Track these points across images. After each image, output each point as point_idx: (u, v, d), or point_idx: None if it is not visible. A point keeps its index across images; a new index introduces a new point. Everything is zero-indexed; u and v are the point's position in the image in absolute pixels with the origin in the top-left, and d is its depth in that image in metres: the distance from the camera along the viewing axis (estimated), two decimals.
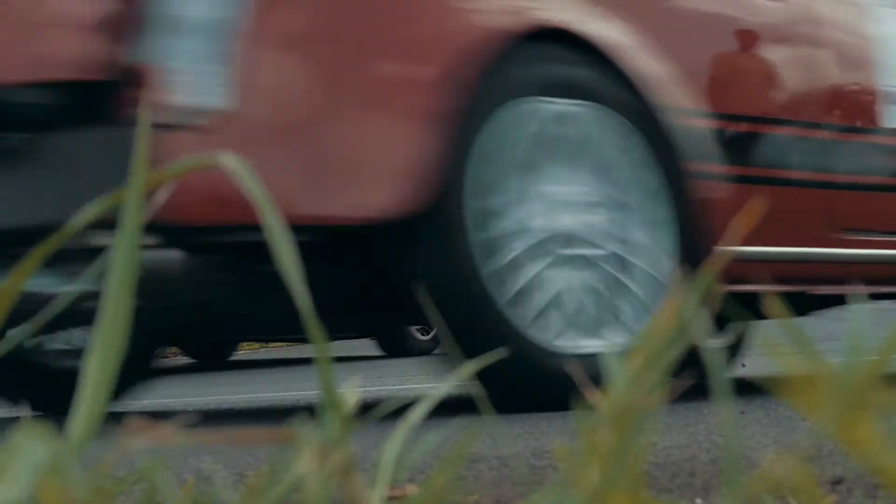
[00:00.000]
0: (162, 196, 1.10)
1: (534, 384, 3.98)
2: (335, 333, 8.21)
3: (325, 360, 0.86)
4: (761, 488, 0.83)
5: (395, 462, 1.10)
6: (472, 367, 1.10)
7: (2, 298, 0.83)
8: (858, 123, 5.29)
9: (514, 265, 4.04)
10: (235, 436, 0.79)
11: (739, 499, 0.87)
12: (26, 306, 1.26)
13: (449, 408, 4.10)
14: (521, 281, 4.03)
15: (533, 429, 3.25)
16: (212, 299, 4.03)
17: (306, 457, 0.83)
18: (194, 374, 8.74)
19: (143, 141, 0.82)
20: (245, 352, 11.78)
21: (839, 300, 5.53)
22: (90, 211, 0.85)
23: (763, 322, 4.80)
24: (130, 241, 0.88)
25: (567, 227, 4.17)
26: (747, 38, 4.93)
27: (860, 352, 0.75)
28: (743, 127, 4.83)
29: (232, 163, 0.75)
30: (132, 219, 0.87)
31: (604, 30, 4.31)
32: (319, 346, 0.88)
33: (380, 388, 5.84)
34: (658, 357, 0.79)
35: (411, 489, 1.42)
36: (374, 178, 3.84)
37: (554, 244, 4.13)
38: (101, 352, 0.86)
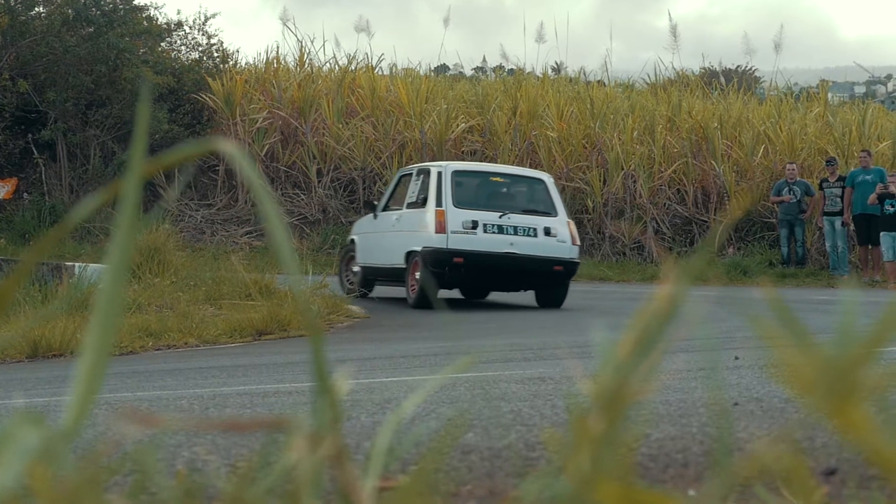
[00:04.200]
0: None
1: None
2: None
3: (319, 350, 0.86)
4: (752, 478, 0.83)
5: (388, 452, 1.10)
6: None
7: (7, 290, 0.83)
8: None
9: None
10: (228, 423, 0.79)
11: (730, 488, 0.87)
12: None
13: (441, 399, 4.11)
14: None
15: (525, 420, 3.26)
16: None
17: (298, 445, 0.83)
18: (189, 368, 8.75)
19: (142, 127, 0.82)
20: (239, 344, 11.79)
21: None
22: (90, 203, 0.85)
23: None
24: (128, 233, 0.88)
25: None
26: None
27: (851, 339, 0.75)
28: None
29: (228, 147, 0.75)
30: (129, 208, 0.87)
31: None
32: (313, 337, 0.88)
33: (372, 380, 5.84)
34: (649, 345, 0.79)
35: (404, 480, 1.42)
36: None
37: None
38: (94, 341, 0.86)
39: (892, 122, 30.11)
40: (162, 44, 30.67)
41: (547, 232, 15.91)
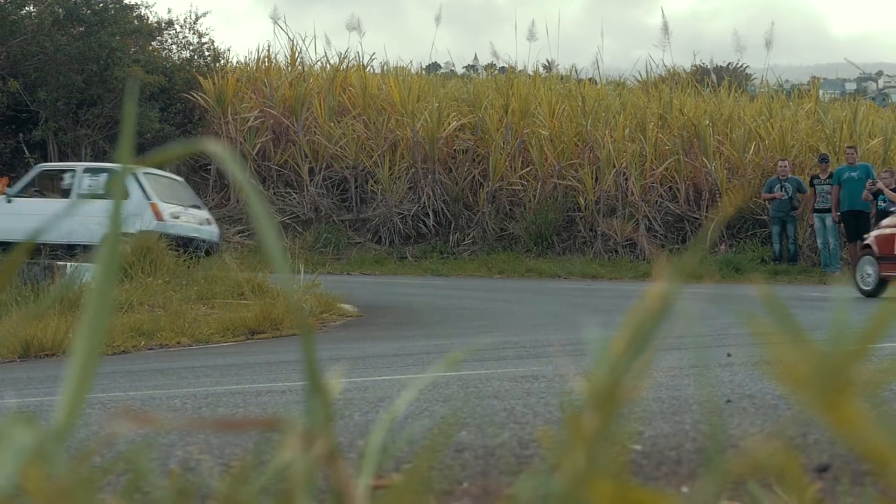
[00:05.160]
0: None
1: None
2: None
3: (310, 348, 0.86)
4: (745, 475, 0.83)
5: (381, 450, 1.10)
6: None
7: None
8: None
9: None
10: (221, 422, 0.79)
11: (723, 485, 0.87)
12: None
13: (435, 397, 4.11)
14: None
15: (518, 418, 3.26)
16: None
17: (291, 444, 0.83)
18: (180, 365, 8.74)
19: (129, 124, 0.82)
20: (231, 343, 11.78)
21: None
22: (78, 201, 0.85)
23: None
24: (115, 232, 0.88)
25: None
26: None
27: (844, 335, 0.75)
28: None
29: (216, 148, 0.75)
30: (117, 207, 0.87)
31: None
32: (305, 336, 0.88)
33: (365, 379, 5.84)
34: (641, 342, 0.79)
35: (397, 478, 1.42)
36: None
37: None
38: (85, 340, 0.86)
39: (883, 118, 30.15)
40: (153, 43, 30.63)
41: (207, 221, 21.71)
